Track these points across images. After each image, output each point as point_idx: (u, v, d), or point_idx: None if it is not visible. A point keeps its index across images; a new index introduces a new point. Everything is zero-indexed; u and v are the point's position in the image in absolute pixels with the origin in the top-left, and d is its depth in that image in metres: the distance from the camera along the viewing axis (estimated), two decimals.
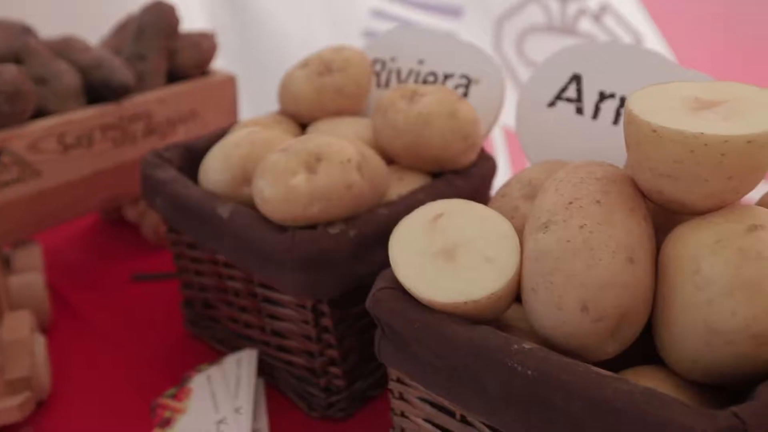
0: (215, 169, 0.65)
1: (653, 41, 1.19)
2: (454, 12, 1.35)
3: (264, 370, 0.72)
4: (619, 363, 0.50)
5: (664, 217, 0.50)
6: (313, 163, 0.58)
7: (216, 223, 0.63)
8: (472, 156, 0.70)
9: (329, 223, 0.59)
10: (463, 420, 0.51)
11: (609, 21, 1.23)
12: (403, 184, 0.68)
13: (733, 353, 0.41)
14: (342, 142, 0.59)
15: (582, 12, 1.26)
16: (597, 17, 1.24)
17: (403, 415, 0.56)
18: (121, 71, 0.83)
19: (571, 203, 0.46)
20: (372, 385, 0.69)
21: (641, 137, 0.44)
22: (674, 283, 0.44)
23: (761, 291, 0.40)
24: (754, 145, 0.41)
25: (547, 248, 0.46)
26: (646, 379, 0.46)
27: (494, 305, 0.48)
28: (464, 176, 0.69)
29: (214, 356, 0.77)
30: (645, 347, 0.49)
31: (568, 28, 1.26)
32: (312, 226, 0.59)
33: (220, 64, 1.74)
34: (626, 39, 1.19)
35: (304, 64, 0.78)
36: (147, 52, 0.89)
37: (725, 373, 0.43)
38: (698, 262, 0.42)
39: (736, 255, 0.41)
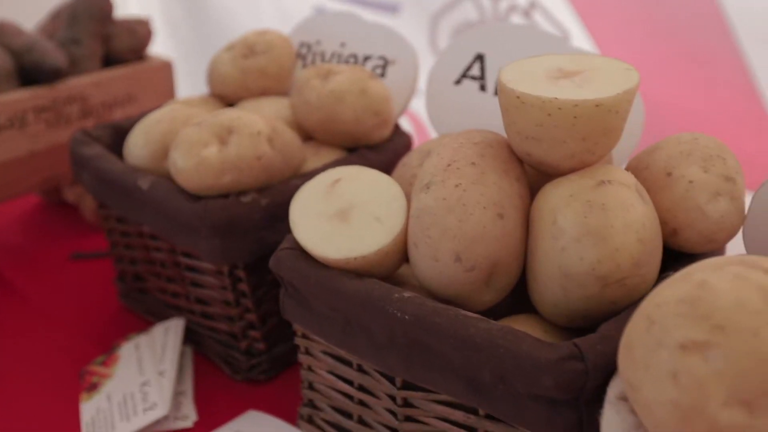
0: (137, 144, 0.69)
1: (580, 37, 1.24)
2: (392, 9, 1.39)
3: (192, 337, 0.75)
4: (504, 312, 0.54)
5: (540, 178, 0.55)
6: (224, 136, 0.62)
7: (137, 195, 0.66)
8: (386, 132, 0.74)
9: (242, 193, 0.63)
10: (360, 369, 0.55)
11: (538, 17, 1.28)
12: (319, 159, 0.71)
13: (584, 295, 0.46)
14: (252, 116, 0.63)
15: (512, 8, 1.31)
16: (527, 13, 1.29)
17: (309, 369, 0.60)
18: (54, 54, 0.86)
19: (449, 165, 0.51)
20: (293, 349, 0.73)
21: (509, 104, 0.49)
22: (537, 235, 0.48)
23: (604, 238, 0.45)
24: (602, 108, 0.46)
25: (427, 206, 0.50)
26: (519, 324, 0.51)
27: (382, 261, 0.52)
28: (378, 151, 0.73)
29: (146, 327, 0.80)
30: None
31: None
32: (225, 196, 0.62)
33: (164, 48, 1.76)
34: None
35: (230, 47, 0.82)
36: (81, 36, 0.92)
37: (580, 315, 0.48)
38: (555, 214, 0.47)
39: (584, 206, 0.46)
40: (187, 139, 0.61)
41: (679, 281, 0.35)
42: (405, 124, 1.38)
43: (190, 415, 0.66)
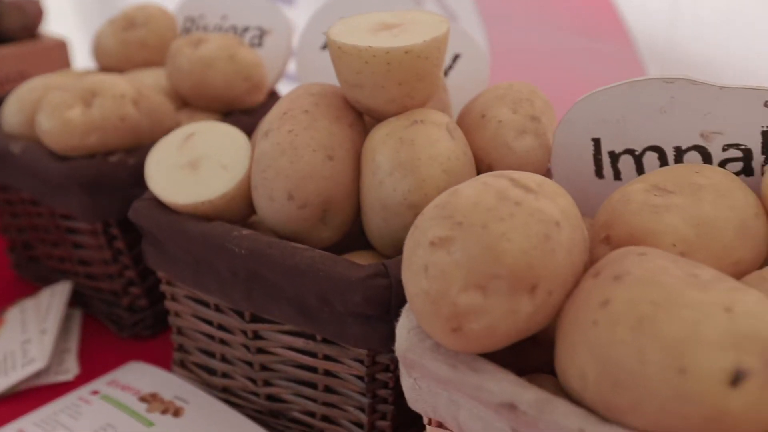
0: (11, 112, 0.71)
1: (470, 21, 1.28)
2: (288, 0, 1.42)
3: (80, 300, 0.78)
4: (350, 249, 0.59)
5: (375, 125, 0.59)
6: (88, 98, 0.65)
7: (11, 161, 0.69)
8: (259, 96, 0.78)
9: (110, 153, 0.66)
10: (217, 308, 0.59)
11: (430, 4, 1.32)
12: None
13: (402, 224, 0.51)
14: (117, 80, 0.66)
15: None
16: (418, 1, 1.33)
17: (176, 314, 0.64)
18: None
19: (285, 113, 0.55)
20: None
21: (334, 55, 0.53)
22: (363, 172, 0.53)
23: (412, 170, 0.50)
24: (411, 55, 0.51)
25: (264, 151, 0.54)
26: (357, 258, 0.56)
27: (228, 205, 0.56)
28: (251, 115, 0.77)
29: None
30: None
31: None
32: (93, 156, 0.66)
33: (74, 25, 1.75)
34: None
35: (112, 21, 0.84)
36: None
37: (402, 243, 0.52)
38: (374, 152, 0.52)
39: (396, 143, 0.51)
40: (52, 101, 0.64)
41: (444, 194, 0.40)
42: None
43: (71, 369, 0.69)
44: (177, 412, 0.60)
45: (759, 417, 0.30)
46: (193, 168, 0.57)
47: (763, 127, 0.46)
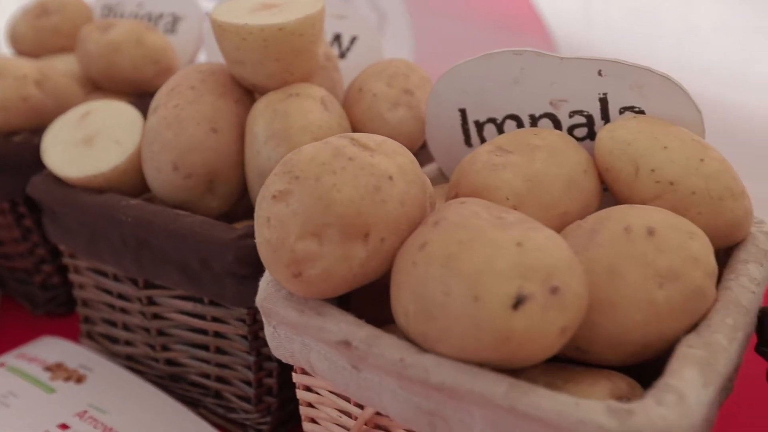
0: None
1: (399, 18, 1.32)
2: None
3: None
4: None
5: None
6: None
7: None
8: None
9: (13, 133, 0.68)
10: (115, 278, 0.62)
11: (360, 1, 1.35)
12: None
13: None
14: (20, 61, 0.68)
15: None
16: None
17: (80, 287, 0.66)
18: None
19: (172, 90, 0.58)
20: None
21: (216, 33, 0.56)
22: (245, 144, 0.56)
23: (284, 139, 0.53)
24: (285, 32, 0.54)
25: (151, 126, 0.57)
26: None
27: (121, 177, 0.59)
28: None
29: None
30: None
31: None
32: None
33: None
34: (373, 15, 1.32)
35: (26, 8, 0.86)
36: None
37: None
38: (253, 123, 0.55)
39: (271, 114, 0.54)
40: None
41: (290, 153, 0.43)
42: None
43: None
44: (80, 379, 0.63)
45: (540, 336, 0.34)
46: (87, 143, 0.60)
47: (599, 94, 0.50)
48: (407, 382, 0.38)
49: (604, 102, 0.50)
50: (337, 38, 0.74)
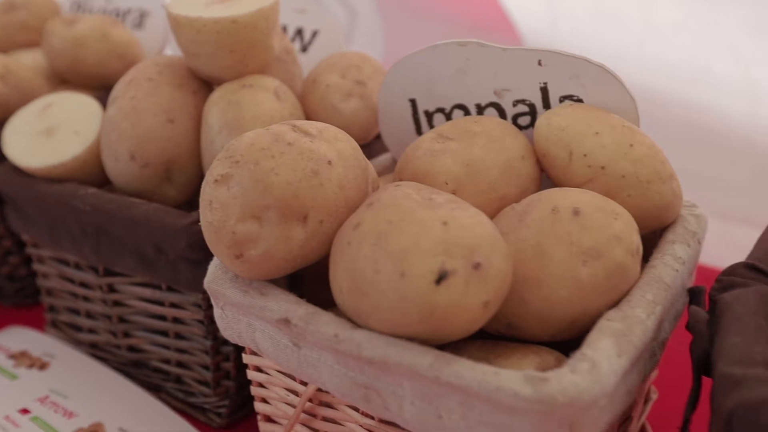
0: None
1: (370, 17, 1.33)
2: None
3: None
4: None
5: None
6: None
7: None
8: None
9: None
10: (77, 266, 0.63)
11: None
12: None
13: None
14: None
15: None
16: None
17: (44, 276, 0.67)
18: None
19: (130, 81, 0.59)
20: None
21: (172, 26, 0.58)
22: (202, 134, 0.58)
23: (236, 128, 0.54)
24: (239, 24, 0.55)
25: (109, 116, 0.59)
26: None
27: (81, 167, 0.60)
28: None
29: None
30: None
31: None
32: None
33: None
34: (344, 14, 1.33)
35: None
36: None
37: None
38: (207, 114, 0.57)
39: (225, 104, 0.55)
40: None
41: (233, 139, 0.45)
42: None
43: None
44: (43, 366, 0.64)
45: (463, 310, 0.36)
46: (48, 134, 0.61)
47: (540, 83, 0.52)
48: (342, 357, 0.39)
49: (544, 91, 0.52)
50: (299, 32, 0.75)
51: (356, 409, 0.43)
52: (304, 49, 0.75)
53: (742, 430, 0.31)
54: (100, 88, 0.81)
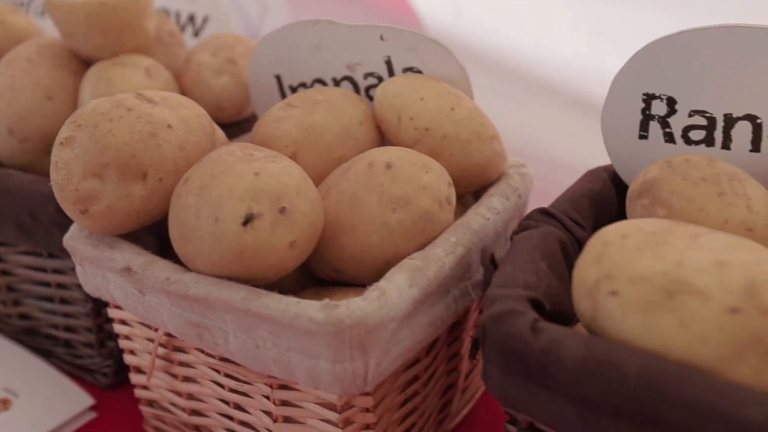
0: None
1: (277, 8, 1.37)
2: None
3: None
4: None
5: None
6: None
7: None
8: None
9: None
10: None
11: None
12: None
13: None
14: None
15: None
16: None
17: None
18: None
19: (9, 61, 0.63)
20: None
21: (47, 9, 0.61)
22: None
23: None
24: (107, 6, 0.59)
25: None
26: None
27: None
28: None
29: None
30: None
31: None
32: None
33: None
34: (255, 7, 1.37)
35: None
36: None
37: None
38: (82, 90, 0.60)
39: (97, 80, 0.59)
40: None
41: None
42: None
43: None
44: None
45: (270, 249, 0.41)
46: None
47: (384, 57, 0.57)
48: (175, 298, 0.44)
49: (389, 64, 0.57)
50: (191, 18, 0.79)
51: (202, 351, 0.48)
52: (196, 34, 0.79)
53: (492, 338, 0.36)
54: None
